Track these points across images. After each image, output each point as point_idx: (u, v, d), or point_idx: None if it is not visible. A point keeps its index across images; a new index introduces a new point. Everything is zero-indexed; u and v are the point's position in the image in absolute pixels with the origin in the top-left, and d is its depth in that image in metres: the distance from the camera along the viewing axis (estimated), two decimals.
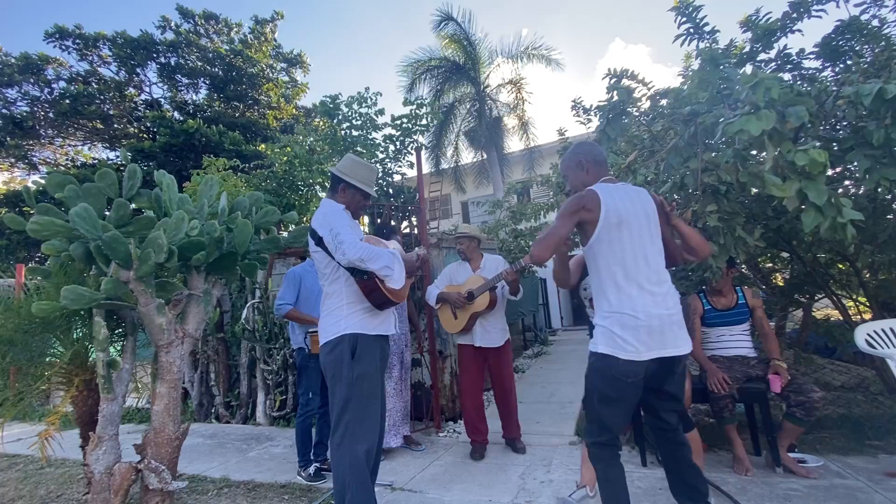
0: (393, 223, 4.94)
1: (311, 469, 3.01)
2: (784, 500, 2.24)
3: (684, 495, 1.83)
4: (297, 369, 3.21)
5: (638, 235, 1.80)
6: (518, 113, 14.00)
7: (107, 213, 2.27)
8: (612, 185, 1.89)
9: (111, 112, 15.06)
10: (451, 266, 3.49)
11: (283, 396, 4.55)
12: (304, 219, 6.29)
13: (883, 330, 2.67)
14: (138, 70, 15.08)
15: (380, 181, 5.39)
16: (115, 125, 15.39)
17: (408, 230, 5.10)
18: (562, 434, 3.56)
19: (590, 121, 3.87)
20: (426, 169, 13.63)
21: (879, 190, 2.45)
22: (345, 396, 2.01)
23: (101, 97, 14.61)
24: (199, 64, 15.00)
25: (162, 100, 15.81)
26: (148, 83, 15.74)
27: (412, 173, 5.95)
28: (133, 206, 2.53)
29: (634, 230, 1.79)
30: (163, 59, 14.94)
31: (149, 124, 14.42)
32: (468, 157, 14.75)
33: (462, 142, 14.53)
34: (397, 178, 5.83)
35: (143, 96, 15.86)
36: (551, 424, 3.83)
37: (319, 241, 2.08)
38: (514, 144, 14.37)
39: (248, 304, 4.64)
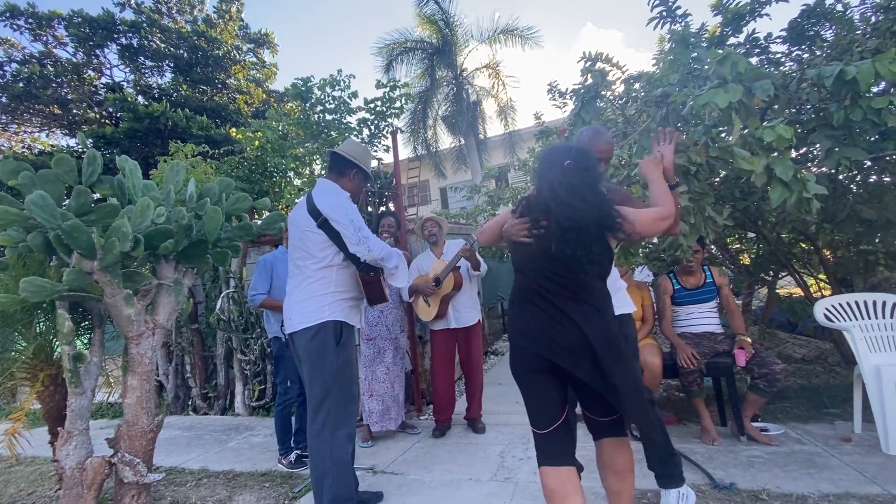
0: (371, 209, 4.88)
1: (292, 456, 3.01)
2: (747, 467, 2.37)
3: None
4: (274, 358, 3.17)
5: None
6: (495, 97, 13.96)
7: (67, 201, 2.17)
8: None
9: (69, 96, 14.26)
10: (418, 258, 3.55)
11: (262, 386, 4.50)
12: (280, 206, 6.14)
13: (840, 304, 2.81)
14: (97, 52, 14.26)
15: None
16: (74, 110, 14.60)
17: None
18: None
19: (565, 104, 3.88)
20: (404, 154, 13.52)
21: (840, 169, 2.55)
22: (328, 383, 2.01)
23: (58, 80, 13.80)
24: (163, 45, 14.31)
25: (124, 83, 15.06)
26: (108, 65, 14.94)
27: (389, 158, 5.88)
28: (97, 195, 2.43)
29: None
30: (124, 40, 14.17)
31: (111, 109, 13.73)
32: (446, 142, 14.67)
33: (440, 127, 14.41)
34: (373, 163, 5.75)
35: (103, 79, 15.06)
36: None
37: (324, 224, 2.06)
38: (491, 129, 14.35)
39: (222, 294, 4.54)
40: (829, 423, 2.89)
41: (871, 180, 3.07)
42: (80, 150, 12.13)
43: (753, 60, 3.04)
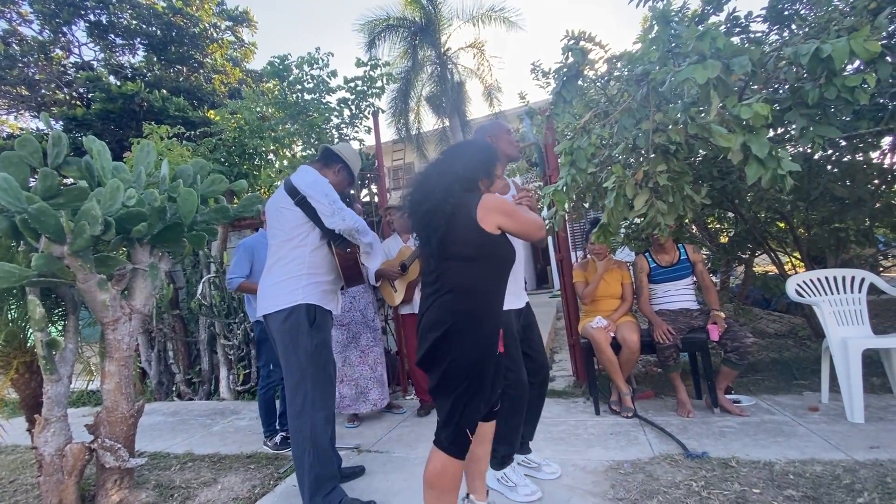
0: (353, 191, 4.83)
1: (277, 438, 3.02)
2: (720, 436, 2.46)
3: None
4: (257, 342, 3.16)
5: None
6: (480, 77, 13.77)
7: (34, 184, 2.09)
8: None
9: (37, 76, 13.66)
10: (385, 242, 3.53)
11: (247, 370, 4.49)
12: (261, 191, 6.02)
13: (811, 280, 2.90)
14: (65, 29, 13.64)
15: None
16: (43, 91, 14.01)
17: (367, 198, 5.00)
18: None
19: (548, 84, 3.86)
20: (388, 136, 13.32)
21: (814, 147, 2.59)
22: (304, 365, 2.01)
23: (24, 60, 13.19)
24: (134, 22, 13.72)
25: (95, 62, 14.45)
26: (77, 44, 14.31)
27: (371, 140, 5.79)
28: (69, 179, 2.35)
29: None
30: (92, 17, 13.55)
31: (82, 89, 13.19)
32: (430, 123, 14.47)
33: (424, 107, 14.19)
34: (355, 144, 5.66)
35: (72, 58, 14.44)
36: None
37: (302, 202, 2.07)
38: (476, 110, 14.20)
39: (203, 280, 4.48)
40: (797, 394, 3.01)
41: (845, 160, 3.14)
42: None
43: (735, 40, 3.04)
